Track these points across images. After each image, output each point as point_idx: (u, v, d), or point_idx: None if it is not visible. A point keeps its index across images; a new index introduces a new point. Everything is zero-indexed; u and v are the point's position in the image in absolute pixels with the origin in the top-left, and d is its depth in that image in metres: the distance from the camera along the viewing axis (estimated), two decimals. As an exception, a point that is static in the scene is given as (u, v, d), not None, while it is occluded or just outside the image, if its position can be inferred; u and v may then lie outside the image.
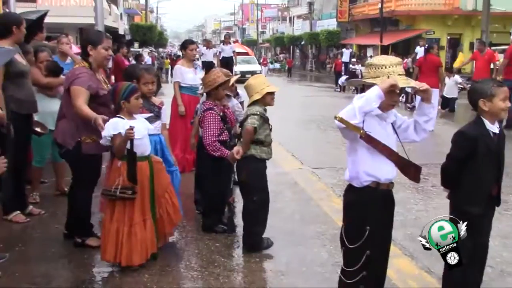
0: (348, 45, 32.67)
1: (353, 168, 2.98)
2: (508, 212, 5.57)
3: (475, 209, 3.29)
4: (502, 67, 11.39)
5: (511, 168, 7.46)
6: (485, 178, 3.27)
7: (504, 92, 3.23)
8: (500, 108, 3.22)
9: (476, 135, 3.27)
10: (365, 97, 2.71)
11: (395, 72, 2.84)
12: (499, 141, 3.32)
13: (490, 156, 3.23)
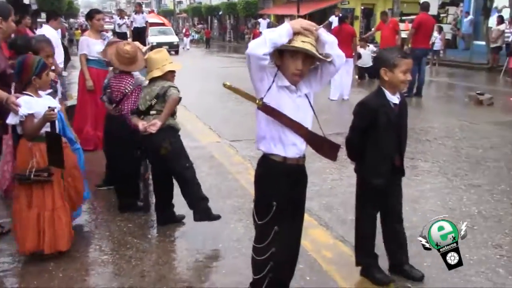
0: (265, 15, 32.62)
1: (260, 135, 2.86)
2: (417, 177, 5.77)
3: (379, 181, 3.34)
4: (410, 36, 11.76)
5: (418, 134, 7.90)
6: (387, 149, 3.32)
7: (406, 64, 3.22)
8: (399, 79, 3.22)
9: (377, 105, 3.29)
10: (277, 31, 2.58)
11: (301, 39, 2.68)
12: (400, 111, 3.35)
13: (391, 127, 3.27)
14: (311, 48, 2.63)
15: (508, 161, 6.54)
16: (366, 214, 3.55)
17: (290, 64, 2.68)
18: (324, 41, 2.69)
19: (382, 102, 3.29)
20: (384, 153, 3.34)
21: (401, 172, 3.52)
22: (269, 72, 2.72)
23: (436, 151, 7.01)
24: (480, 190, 5.37)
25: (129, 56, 4.57)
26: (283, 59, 2.70)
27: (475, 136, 7.93)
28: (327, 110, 10.34)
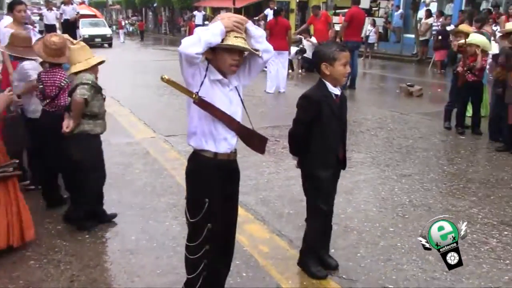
0: (201, 7, 32.28)
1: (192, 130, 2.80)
2: (351, 168, 5.86)
3: (324, 173, 3.34)
4: (342, 29, 11.97)
5: (352, 126, 8.06)
6: (331, 141, 3.32)
7: (345, 57, 3.25)
8: (340, 73, 3.24)
9: (320, 97, 3.29)
10: (210, 30, 2.53)
11: (233, 35, 2.64)
12: (342, 103, 3.38)
13: (334, 119, 3.28)
14: (244, 44, 2.63)
15: (436, 150, 6.79)
16: (319, 209, 3.52)
17: (226, 57, 2.65)
18: (252, 35, 2.69)
19: (325, 94, 3.30)
20: (329, 145, 3.34)
21: (343, 164, 3.54)
22: (201, 66, 2.66)
23: (369, 142, 7.17)
24: (410, 180, 5.53)
25: (55, 47, 4.36)
26: (215, 53, 2.65)
27: (406, 126, 8.19)
28: (264, 103, 10.37)
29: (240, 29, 2.62)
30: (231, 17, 2.64)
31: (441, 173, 5.79)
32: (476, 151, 6.84)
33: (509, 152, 6.55)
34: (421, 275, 3.52)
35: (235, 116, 2.79)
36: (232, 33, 2.60)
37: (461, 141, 7.26)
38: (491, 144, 7.00)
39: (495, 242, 4.05)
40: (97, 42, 26.13)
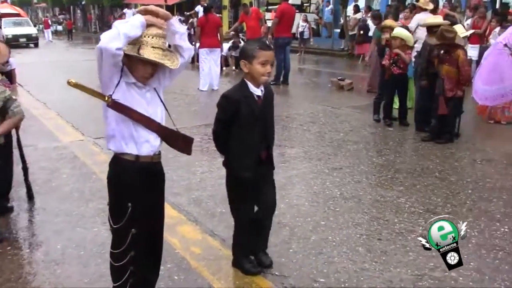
0: (131, 5, 31.59)
1: (110, 134, 2.69)
2: (284, 164, 5.91)
3: (245, 174, 3.31)
4: (273, 25, 12.03)
5: (285, 122, 8.13)
6: (251, 142, 3.28)
7: (265, 56, 3.14)
8: (258, 71, 3.16)
9: (239, 97, 3.23)
10: (130, 22, 2.44)
11: (151, 43, 2.55)
12: (265, 104, 3.33)
13: (254, 119, 3.24)
14: (161, 56, 2.55)
15: (366, 142, 6.96)
16: (239, 209, 3.50)
17: (139, 68, 2.58)
18: (175, 31, 2.62)
19: (245, 94, 3.24)
20: (248, 146, 3.29)
21: (269, 165, 3.51)
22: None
23: (302, 137, 7.25)
24: (341, 173, 5.63)
25: None
26: (129, 59, 2.55)
27: (337, 120, 8.34)
28: (197, 101, 10.27)
29: (160, 25, 2.54)
30: (153, 10, 2.54)
31: (371, 165, 5.94)
32: (404, 142, 7.07)
33: (434, 141, 6.81)
34: (351, 267, 3.58)
35: (155, 117, 2.71)
36: (152, 29, 2.52)
37: (389, 132, 7.48)
38: (417, 135, 7.25)
39: (421, 230, 4.17)
40: (21, 42, 25.06)
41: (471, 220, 4.35)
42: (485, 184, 5.26)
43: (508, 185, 5.25)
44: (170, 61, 2.60)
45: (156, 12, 2.55)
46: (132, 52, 2.49)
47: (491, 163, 5.98)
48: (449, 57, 6.61)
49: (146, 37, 2.52)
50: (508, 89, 6.10)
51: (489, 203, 4.74)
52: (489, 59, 6.03)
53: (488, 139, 7.10)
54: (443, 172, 5.65)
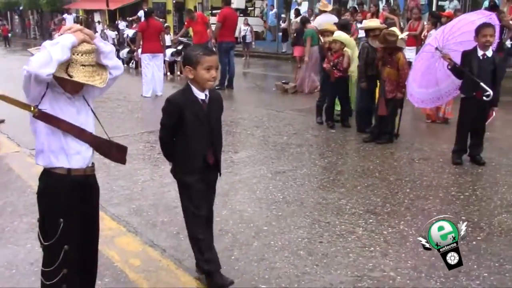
0: (71, 10, 30.80)
1: (38, 148, 2.59)
2: (227, 170, 5.87)
3: (190, 178, 3.27)
4: (216, 30, 11.99)
5: (229, 126, 8.10)
6: (195, 146, 3.24)
7: (209, 61, 3.11)
8: (203, 77, 3.12)
9: (183, 101, 3.20)
10: (61, 45, 2.32)
11: (80, 61, 2.45)
12: (210, 108, 3.29)
13: (199, 123, 3.20)
14: (92, 75, 2.50)
15: (309, 145, 7.02)
16: (191, 216, 3.42)
17: (68, 84, 2.50)
18: (101, 51, 2.56)
19: (189, 98, 3.20)
20: (192, 150, 3.25)
21: (216, 169, 3.46)
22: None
23: (246, 142, 7.24)
24: (284, 176, 5.65)
25: None
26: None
27: (281, 123, 8.39)
28: (140, 108, 10.09)
29: (90, 40, 2.47)
30: (80, 31, 2.46)
31: (313, 168, 5.99)
32: (345, 143, 7.18)
33: (375, 142, 6.95)
34: (293, 271, 3.58)
35: (86, 127, 2.63)
36: (80, 58, 2.44)
37: (332, 134, 7.58)
38: (359, 136, 7.39)
39: (361, 230, 4.25)
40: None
41: (409, 219, 4.46)
42: (422, 182, 5.41)
43: (444, 182, 5.42)
44: (100, 79, 2.54)
45: (81, 29, 2.48)
46: (61, 74, 2.41)
47: (428, 161, 6.16)
48: (391, 59, 6.78)
49: (76, 54, 2.43)
50: (443, 91, 6.30)
51: (426, 201, 4.88)
52: (422, 62, 6.21)
53: (426, 138, 7.32)
54: (383, 172, 5.78)
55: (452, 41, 5.88)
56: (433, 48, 5.88)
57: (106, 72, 2.59)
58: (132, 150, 6.66)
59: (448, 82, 6.16)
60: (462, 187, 5.27)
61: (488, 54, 5.62)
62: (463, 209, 4.70)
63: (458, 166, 5.90)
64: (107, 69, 2.61)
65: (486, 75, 5.59)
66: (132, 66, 17.31)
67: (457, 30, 5.92)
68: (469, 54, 5.67)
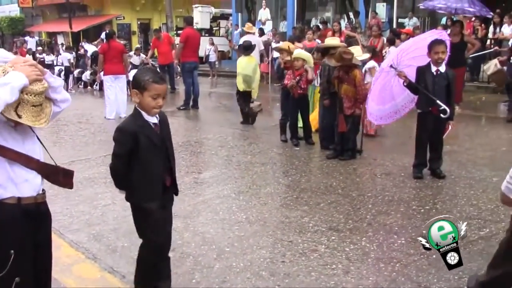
0: (33, 33, 30.39)
1: None
2: (190, 191, 5.82)
3: (151, 204, 3.20)
4: (179, 50, 11.97)
5: (194, 147, 8.06)
6: (154, 171, 3.19)
7: (157, 90, 3.06)
8: (149, 105, 3.08)
9: (135, 129, 3.13)
10: (11, 87, 2.26)
11: (31, 102, 2.40)
12: (162, 130, 3.25)
13: (154, 148, 3.16)
14: (39, 114, 2.47)
15: (273, 163, 7.03)
16: (149, 243, 3.36)
17: (14, 121, 2.45)
18: (50, 85, 2.51)
19: (141, 124, 3.14)
20: (152, 175, 3.20)
21: (174, 190, 3.42)
22: None
23: (210, 162, 7.21)
24: (248, 196, 5.63)
25: None
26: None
27: (246, 142, 8.39)
28: (103, 130, 9.94)
29: (42, 77, 2.43)
30: (28, 65, 2.40)
31: (277, 186, 5.98)
32: (309, 160, 7.22)
33: (338, 158, 7.01)
34: (255, 293, 3.55)
35: (33, 154, 2.57)
36: (32, 99, 2.39)
37: (295, 152, 7.61)
38: (323, 153, 7.44)
39: (323, 248, 4.25)
40: None
41: (371, 235, 4.48)
42: (384, 197, 5.47)
43: (405, 197, 5.49)
44: (44, 117, 2.51)
45: (35, 65, 2.43)
46: (10, 114, 2.36)
47: (390, 176, 6.24)
48: (347, 77, 6.87)
49: (27, 95, 2.38)
50: (400, 105, 6.42)
51: (388, 216, 4.92)
52: (379, 82, 6.32)
53: (388, 153, 7.40)
54: (345, 188, 5.82)
55: (406, 57, 6.02)
56: (388, 67, 6.00)
57: (50, 106, 2.56)
58: (93, 174, 6.56)
59: (403, 96, 6.30)
60: (422, 201, 5.35)
61: (442, 69, 5.77)
62: (423, 223, 4.72)
63: (418, 180, 5.99)
64: (51, 103, 2.58)
65: (440, 90, 5.73)
66: (96, 88, 17.11)
67: (411, 46, 6.08)
68: (423, 69, 5.81)
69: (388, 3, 19.45)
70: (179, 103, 12.46)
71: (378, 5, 19.36)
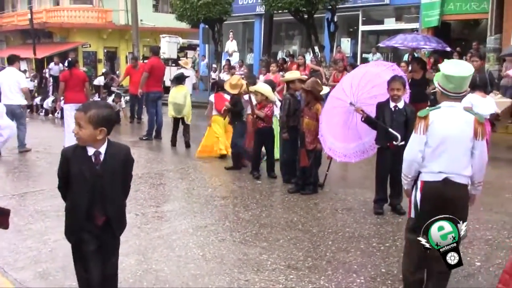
0: (-4, 59, 29.80)
1: None
2: (147, 225, 5.62)
3: (70, 237, 3.15)
4: (143, 80, 11.81)
5: (153, 179, 7.79)
6: (80, 203, 3.08)
7: (77, 118, 3.04)
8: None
9: (70, 155, 3.09)
10: None
11: None
12: (105, 165, 3.11)
13: (84, 180, 3.03)
14: None
15: (234, 197, 6.89)
16: (80, 279, 3.20)
17: None
18: None
19: (78, 152, 3.07)
20: (76, 207, 3.10)
21: (110, 229, 3.24)
22: None
23: (169, 195, 7.02)
24: (206, 231, 5.46)
25: None
26: None
27: (207, 175, 8.25)
28: (60, 160, 9.62)
29: None
30: None
31: (236, 221, 5.84)
32: (271, 195, 7.11)
33: (300, 193, 6.93)
34: (207, 337, 3.37)
35: None
36: None
37: (257, 186, 7.50)
38: (284, 187, 7.35)
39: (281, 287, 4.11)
40: None
41: (330, 273, 4.38)
42: (345, 233, 5.39)
43: (366, 233, 5.42)
44: None
45: None
46: None
47: (351, 212, 6.18)
48: (309, 110, 6.85)
49: None
50: (367, 145, 6.40)
51: (347, 254, 4.83)
52: (339, 117, 6.28)
53: (350, 188, 7.37)
54: (306, 224, 5.72)
55: (365, 95, 6.05)
56: (347, 103, 6.02)
57: None
58: (46, 207, 6.29)
59: (371, 136, 6.26)
60: (383, 237, 5.29)
61: (400, 105, 5.81)
62: (383, 261, 4.68)
63: (379, 216, 5.95)
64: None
65: (399, 126, 5.76)
66: (58, 116, 16.74)
67: (367, 84, 6.11)
68: (382, 105, 5.86)
69: (353, 38, 19.88)
70: (142, 133, 12.24)
71: (343, 40, 19.78)
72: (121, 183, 3.23)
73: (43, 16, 30.82)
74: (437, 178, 3.39)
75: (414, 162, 3.49)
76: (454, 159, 3.38)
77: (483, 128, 3.38)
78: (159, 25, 30.67)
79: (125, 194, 3.35)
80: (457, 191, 3.37)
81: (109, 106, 3.28)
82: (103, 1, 32.00)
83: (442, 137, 3.39)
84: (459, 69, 3.39)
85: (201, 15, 18.82)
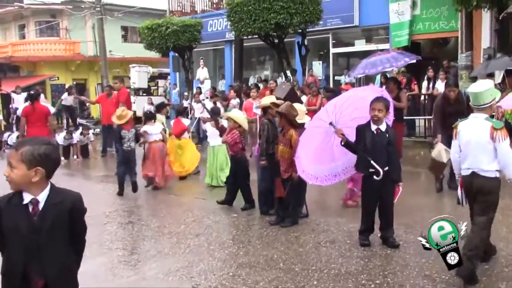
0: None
1: None
2: (112, 271, 5.08)
3: None
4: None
5: (121, 217, 7.08)
6: (13, 261, 2.58)
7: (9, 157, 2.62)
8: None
9: (4, 205, 2.59)
10: None
11: None
12: (45, 217, 2.59)
13: (17, 234, 2.55)
14: None
15: (209, 234, 6.37)
16: None
17: None
18: None
19: (12, 201, 2.59)
20: (9, 265, 2.60)
21: None
22: None
23: (138, 235, 6.47)
24: (177, 276, 4.95)
25: None
26: None
27: (180, 209, 7.75)
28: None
29: None
30: None
31: (212, 262, 5.32)
32: (248, 229, 6.62)
33: (280, 225, 6.47)
34: None
35: None
36: None
37: (234, 219, 7.02)
38: (262, 219, 6.89)
39: None
40: None
41: (317, 321, 3.90)
42: (330, 271, 4.93)
43: (353, 269, 4.97)
44: None
45: None
46: None
47: (335, 244, 5.72)
48: (283, 137, 6.45)
49: None
50: (340, 168, 5.98)
51: (335, 295, 4.38)
52: (316, 138, 5.89)
53: (333, 217, 6.92)
54: (287, 261, 5.24)
55: (346, 117, 5.67)
56: (327, 124, 5.60)
57: None
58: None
59: (345, 159, 5.86)
60: (371, 273, 4.84)
61: (382, 128, 5.42)
62: (374, 301, 4.23)
63: (366, 248, 5.51)
64: None
65: (381, 149, 5.37)
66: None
67: (350, 106, 5.73)
68: (363, 128, 5.45)
69: (324, 61, 19.73)
70: (113, 167, 11.66)
71: (315, 63, 19.59)
72: (70, 237, 2.71)
73: (9, 50, 30.08)
74: (467, 173, 4.44)
75: (455, 162, 4.71)
76: (476, 158, 4.36)
77: (500, 133, 4.26)
78: (129, 55, 30.17)
79: (76, 251, 2.82)
80: (482, 181, 4.30)
81: (48, 143, 2.69)
82: (70, 33, 31.46)
83: (465, 141, 4.47)
84: (473, 87, 4.53)
85: (170, 43, 18.42)
